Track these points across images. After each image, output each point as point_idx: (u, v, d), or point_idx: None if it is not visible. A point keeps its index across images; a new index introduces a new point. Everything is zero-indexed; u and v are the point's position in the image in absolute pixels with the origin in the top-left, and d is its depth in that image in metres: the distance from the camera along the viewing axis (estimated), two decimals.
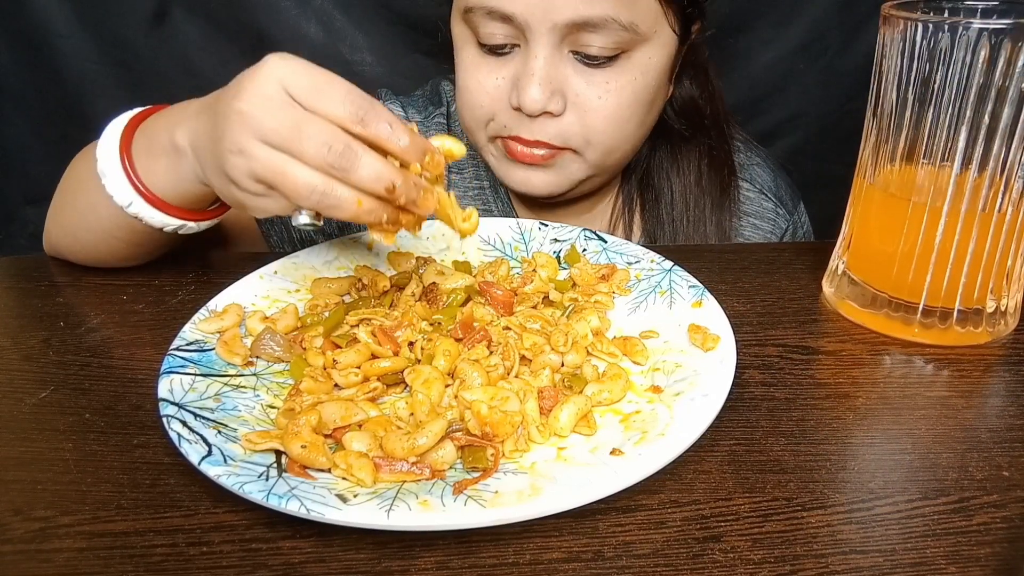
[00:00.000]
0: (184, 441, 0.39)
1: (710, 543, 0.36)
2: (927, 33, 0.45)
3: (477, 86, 0.66)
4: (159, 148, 0.53)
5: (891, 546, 0.36)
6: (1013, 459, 0.41)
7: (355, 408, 0.43)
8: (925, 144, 0.47)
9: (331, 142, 0.43)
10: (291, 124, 0.43)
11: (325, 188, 0.43)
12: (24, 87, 1.00)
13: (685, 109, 0.76)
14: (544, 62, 0.62)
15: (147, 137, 0.54)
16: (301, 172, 0.43)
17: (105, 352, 0.51)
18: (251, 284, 0.56)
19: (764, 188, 0.80)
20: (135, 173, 0.53)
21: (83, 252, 0.61)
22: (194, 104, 0.52)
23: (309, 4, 0.96)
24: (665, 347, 0.50)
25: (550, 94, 0.63)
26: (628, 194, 0.79)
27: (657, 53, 0.65)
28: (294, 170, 0.43)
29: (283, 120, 0.43)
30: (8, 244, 1.06)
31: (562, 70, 0.63)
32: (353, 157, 0.43)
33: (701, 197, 0.76)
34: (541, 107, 0.63)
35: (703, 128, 0.76)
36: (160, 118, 0.55)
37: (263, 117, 0.43)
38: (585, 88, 0.64)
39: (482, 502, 0.36)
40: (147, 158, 0.53)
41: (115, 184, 0.54)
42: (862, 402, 0.46)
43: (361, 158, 0.43)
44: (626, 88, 0.64)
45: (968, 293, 0.50)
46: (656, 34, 0.64)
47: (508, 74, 0.65)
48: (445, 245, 0.63)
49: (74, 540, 0.36)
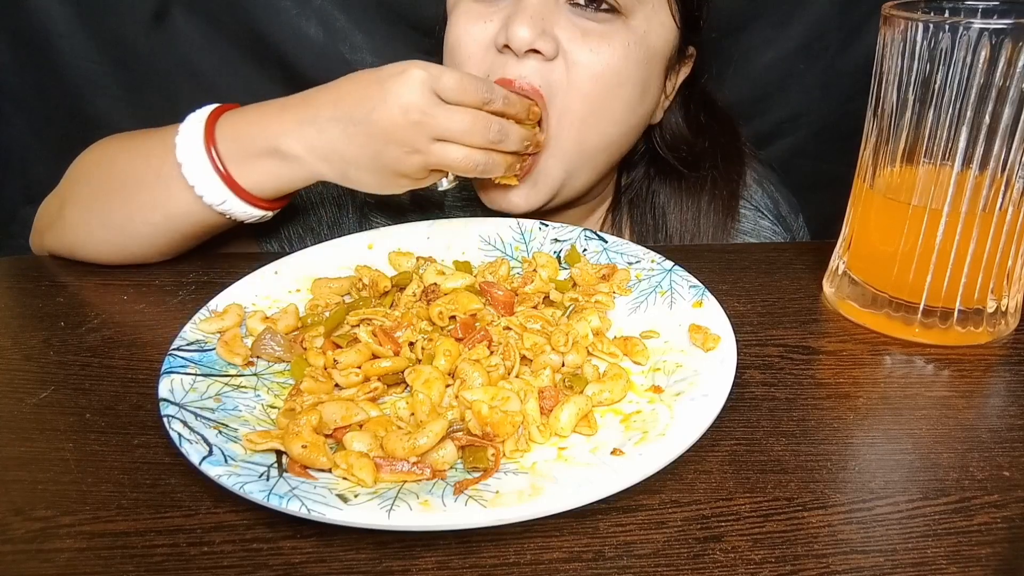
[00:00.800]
0: (185, 441, 0.39)
1: (711, 543, 0.36)
2: (927, 33, 0.45)
3: (465, 33, 0.64)
4: (256, 152, 0.57)
5: (892, 546, 0.36)
6: (1014, 459, 0.41)
7: (356, 408, 0.43)
8: (925, 144, 0.47)
9: (492, 126, 0.55)
10: (461, 123, 0.54)
11: (485, 159, 0.56)
12: (24, 87, 0.99)
13: (675, 143, 0.74)
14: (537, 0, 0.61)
15: (235, 142, 0.57)
16: (469, 154, 0.55)
17: (105, 352, 0.51)
18: (251, 284, 0.56)
19: (761, 205, 0.78)
20: (230, 175, 0.58)
21: (118, 250, 0.62)
22: (291, 110, 0.57)
23: (309, 4, 0.96)
24: (666, 347, 0.50)
25: (540, 31, 0.60)
26: (618, 218, 0.78)
27: (654, 30, 0.64)
28: (465, 155, 0.55)
29: (454, 119, 0.53)
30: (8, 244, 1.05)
31: (555, 14, 0.61)
32: (506, 132, 0.56)
33: (697, 234, 0.75)
34: (529, 43, 0.60)
35: (702, 163, 0.74)
36: (246, 124, 0.58)
37: (436, 121, 0.53)
38: (578, 39, 0.61)
39: (483, 502, 0.36)
40: (243, 161, 0.58)
41: (207, 187, 0.57)
42: (863, 402, 0.46)
43: (510, 130, 0.57)
44: (618, 51, 0.62)
45: (968, 293, 0.50)
46: (654, 7, 0.63)
47: (498, 18, 0.63)
48: (445, 245, 0.63)
49: (75, 540, 0.36)
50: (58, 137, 1.00)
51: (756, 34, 0.98)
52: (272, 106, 0.59)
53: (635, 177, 0.76)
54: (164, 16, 0.96)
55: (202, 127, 0.58)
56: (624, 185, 0.77)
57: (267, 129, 0.57)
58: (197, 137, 0.57)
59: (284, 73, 0.95)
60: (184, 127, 0.58)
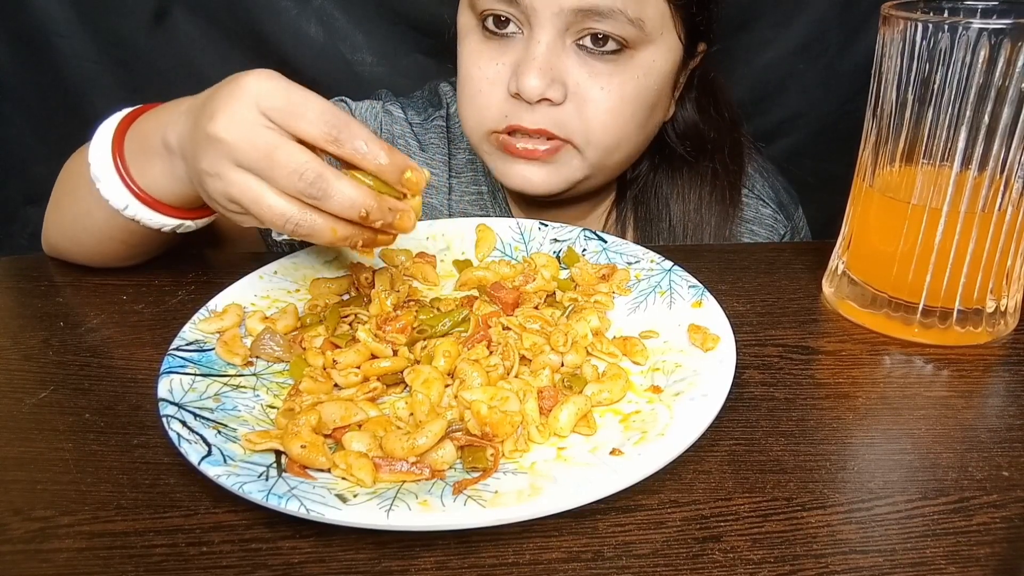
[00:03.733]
0: (184, 441, 0.39)
1: (710, 543, 0.36)
2: (927, 33, 0.45)
3: (478, 72, 0.66)
4: (152, 149, 0.52)
5: (891, 546, 0.36)
6: (1013, 459, 0.41)
7: (355, 408, 0.43)
8: (925, 144, 0.47)
9: (303, 170, 0.42)
10: (264, 151, 0.43)
11: (299, 217, 0.44)
12: (24, 87, 0.99)
13: (688, 133, 0.75)
14: (546, 48, 0.62)
15: (139, 138, 0.54)
16: (275, 201, 0.43)
17: (105, 352, 0.51)
18: (251, 284, 0.56)
19: (763, 194, 0.79)
20: (129, 176, 0.53)
21: (82, 254, 0.61)
22: (185, 103, 0.52)
23: (309, 4, 0.96)
24: (665, 347, 0.50)
25: (550, 81, 0.62)
26: (622, 211, 0.78)
27: (662, 57, 0.65)
28: (268, 199, 0.43)
29: (257, 146, 0.43)
30: (8, 244, 1.06)
31: (564, 59, 0.63)
32: (325, 185, 0.43)
33: (700, 225, 0.75)
34: (540, 93, 0.62)
35: (706, 153, 0.75)
36: (151, 118, 0.54)
37: (237, 143, 0.43)
38: (587, 79, 0.63)
39: (482, 502, 0.36)
40: (141, 160, 0.53)
41: (110, 188, 0.54)
42: (862, 402, 0.46)
43: (332, 185, 0.43)
44: (628, 84, 0.64)
45: (968, 293, 0.50)
46: (662, 37, 0.64)
47: (509, 60, 0.64)
48: (445, 245, 0.63)
49: (74, 540, 0.36)
50: (58, 137, 1.00)
51: (756, 34, 0.98)
52: (186, 99, 0.53)
53: (640, 170, 0.77)
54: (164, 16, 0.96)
55: (114, 127, 0.55)
56: (629, 179, 0.77)
57: (160, 121, 0.52)
58: (108, 136, 0.54)
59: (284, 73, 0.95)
60: (100, 128, 0.55)
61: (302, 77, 0.59)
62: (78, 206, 0.58)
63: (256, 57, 0.96)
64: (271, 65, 0.46)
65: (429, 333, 0.49)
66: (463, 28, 0.68)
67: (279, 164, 0.43)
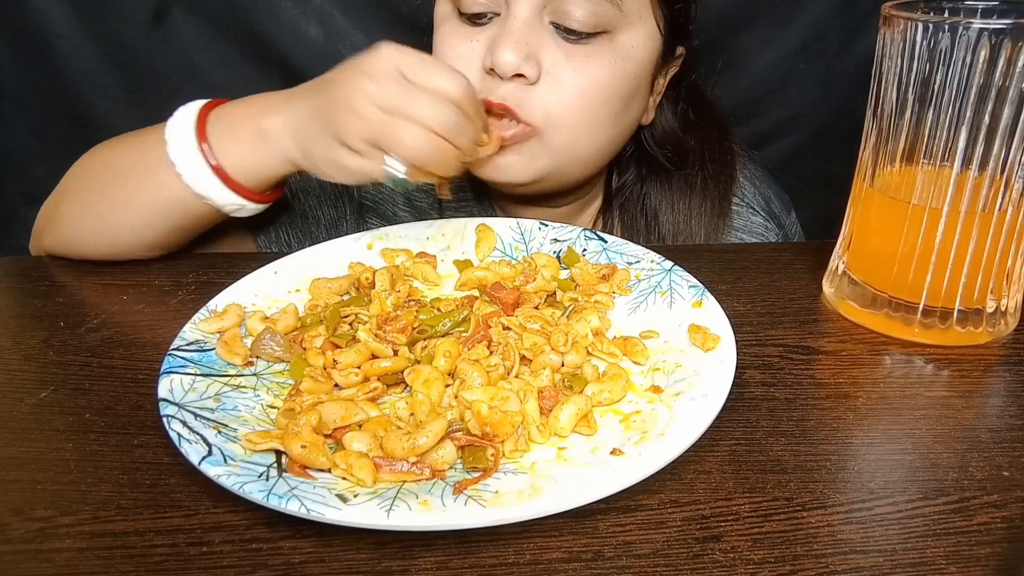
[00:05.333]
0: (184, 441, 0.39)
1: (710, 543, 0.36)
2: (927, 33, 0.45)
3: (451, 52, 0.65)
4: (243, 134, 0.58)
5: (891, 546, 0.36)
6: (1013, 459, 0.41)
7: (355, 408, 0.43)
8: (925, 144, 0.47)
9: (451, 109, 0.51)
10: (420, 96, 0.51)
11: (438, 148, 0.51)
12: (24, 87, 0.99)
13: (666, 140, 0.74)
14: (522, 24, 0.61)
15: (226, 125, 0.58)
16: (424, 136, 0.51)
17: (105, 352, 0.51)
18: (251, 284, 0.56)
19: (753, 202, 0.78)
20: (214, 156, 0.58)
21: (108, 241, 0.62)
22: (281, 94, 0.59)
23: (309, 4, 0.96)
24: (665, 347, 0.50)
25: (525, 56, 0.60)
26: (608, 220, 0.78)
27: (640, 44, 0.64)
28: (418, 135, 0.51)
29: (398, 90, 0.51)
30: (8, 244, 1.05)
31: (540, 36, 0.62)
32: (463, 124, 0.52)
33: (689, 236, 0.75)
34: (514, 67, 0.60)
35: (695, 163, 0.74)
36: (239, 107, 0.59)
37: (381, 85, 0.51)
38: (563, 59, 0.62)
39: (482, 502, 0.36)
40: (227, 143, 0.58)
41: (190, 167, 0.58)
42: (862, 402, 0.46)
43: (468, 126, 0.53)
44: (604, 68, 0.63)
45: (968, 293, 0.50)
46: (640, 21, 0.63)
47: (484, 38, 0.63)
48: (445, 245, 0.63)
49: (74, 540, 0.36)
50: (58, 137, 1.01)
51: (756, 34, 0.98)
52: (277, 92, 0.60)
53: (626, 180, 0.76)
54: (164, 16, 0.96)
55: (195, 113, 0.59)
56: (615, 188, 0.76)
57: (253, 107, 0.59)
58: (189, 120, 0.58)
59: (284, 73, 0.95)
60: (179, 112, 0.60)
61: (302, 77, 0.59)
62: (127, 189, 0.61)
63: (256, 57, 0.96)
64: (271, 65, 0.47)
65: (429, 333, 0.49)
66: (439, 16, 0.67)
67: (438, 111, 0.51)
